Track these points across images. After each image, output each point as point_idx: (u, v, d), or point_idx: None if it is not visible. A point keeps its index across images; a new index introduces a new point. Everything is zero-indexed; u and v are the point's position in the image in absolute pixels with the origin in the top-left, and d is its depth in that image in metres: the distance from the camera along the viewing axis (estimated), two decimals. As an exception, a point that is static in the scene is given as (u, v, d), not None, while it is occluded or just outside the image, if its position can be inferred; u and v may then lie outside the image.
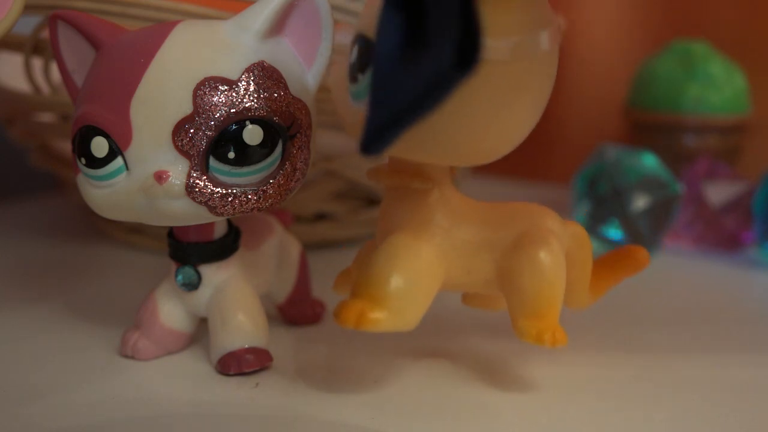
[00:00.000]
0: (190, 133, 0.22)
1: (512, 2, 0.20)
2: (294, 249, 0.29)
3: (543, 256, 0.23)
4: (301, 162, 0.24)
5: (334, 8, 0.25)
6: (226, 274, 0.26)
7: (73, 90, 0.25)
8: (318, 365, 0.26)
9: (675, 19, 0.59)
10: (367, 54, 0.21)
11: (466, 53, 0.16)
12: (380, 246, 0.23)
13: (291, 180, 0.24)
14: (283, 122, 0.23)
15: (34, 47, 0.35)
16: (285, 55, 0.24)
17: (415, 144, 0.19)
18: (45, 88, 0.38)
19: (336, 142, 0.38)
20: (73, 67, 0.25)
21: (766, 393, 0.25)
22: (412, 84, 0.17)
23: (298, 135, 0.24)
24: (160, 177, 0.22)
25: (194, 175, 0.22)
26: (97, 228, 0.44)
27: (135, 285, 0.34)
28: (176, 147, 0.22)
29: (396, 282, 0.22)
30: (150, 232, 0.41)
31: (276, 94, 0.23)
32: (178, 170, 0.22)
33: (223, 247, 0.26)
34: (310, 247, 0.31)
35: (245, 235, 0.27)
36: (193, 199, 0.22)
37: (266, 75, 0.23)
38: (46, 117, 0.40)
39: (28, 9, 0.27)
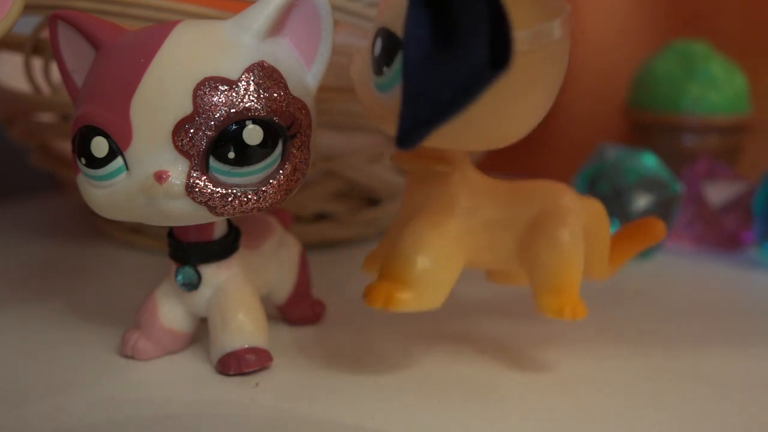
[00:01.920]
0: (190, 133, 0.22)
1: None
2: (294, 249, 0.29)
3: (562, 234, 0.24)
4: (301, 162, 0.24)
5: (334, 8, 0.25)
6: (226, 274, 0.26)
7: (73, 90, 0.25)
8: (318, 365, 0.26)
9: (675, 19, 0.59)
10: (392, 48, 0.22)
11: (499, 52, 0.17)
12: (405, 228, 0.23)
13: (291, 180, 0.24)
14: (283, 122, 0.23)
15: (34, 47, 0.35)
16: (285, 55, 0.24)
17: (440, 133, 0.20)
18: (45, 88, 0.38)
19: (336, 142, 0.38)
20: (73, 67, 0.25)
21: (766, 391, 0.25)
22: (446, 82, 0.18)
23: (298, 135, 0.24)
24: (160, 177, 0.22)
25: (194, 175, 0.22)
26: (97, 228, 0.44)
27: (135, 285, 0.34)
28: (176, 147, 0.22)
29: (421, 263, 0.23)
30: (150, 232, 0.41)
31: (276, 94, 0.23)
32: (178, 170, 0.22)
33: (223, 247, 0.26)
34: (310, 247, 0.31)
35: (245, 235, 0.27)
36: (193, 199, 0.22)
37: (266, 75, 0.23)
38: (46, 117, 0.40)
39: (28, 9, 0.27)
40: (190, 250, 0.26)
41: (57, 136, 0.40)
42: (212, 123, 0.22)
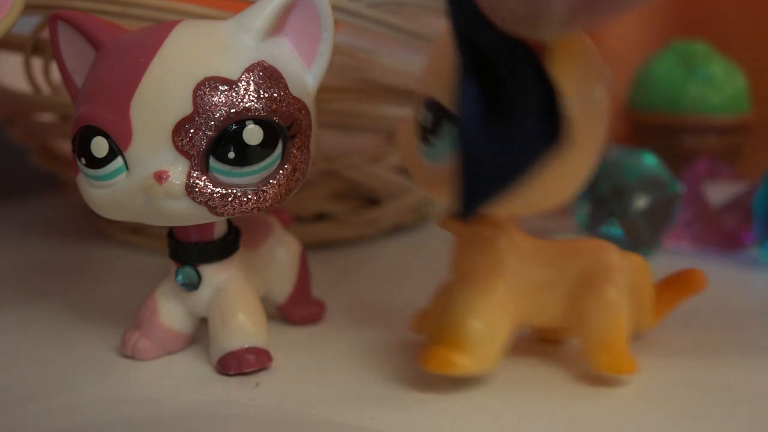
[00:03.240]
0: (190, 133, 0.22)
1: (574, 61, 0.21)
2: (294, 249, 0.29)
3: (610, 292, 0.25)
4: (301, 162, 0.24)
5: (334, 8, 0.25)
6: (226, 274, 0.26)
7: (73, 90, 0.25)
8: (318, 365, 0.26)
9: (675, 19, 0.59)
10: (441, 119, 0.22)
11: (554, 127, 0.18)
12: (456, 293, 0.24)
13: (291, 180, 0.24)
14: (283, 122, 0.23)
15: (34, 47, 0.35)
16: (285, 55, 0.24)
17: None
18: (45, 88, 0.38)
19: (336, 142, 0.38)
20: (73, 67, 0.25)
21: (766, 392, 0.25)
22: (503, 157, 0.19)
23: (298, 135, 0.24)
24: (160, 177, 0.22)
25: (194, 175, 0.22)
26: (97, 228, 0.44)
27: (135, 285, 0.34)
28: (176, 147, 0.22)
29: (474, 327, 0.23)
30: (150, 232, 0.41)
31: (276, 94, 0.23)
32: (178, 170, 0.22)
33: (223, 247, 0.26)
34: (310, 247, 0.31)
35: (245, 235, 0.27)
36: (193, 199, 0.22)
37: (266, 75, 0.23)
38: (46, 117, 0.40)
39: (28, 9, 0.27)
40: (190, 250, 0.25)
41: (57, 136, 0.40)
42: (212, 123, 0.22)
